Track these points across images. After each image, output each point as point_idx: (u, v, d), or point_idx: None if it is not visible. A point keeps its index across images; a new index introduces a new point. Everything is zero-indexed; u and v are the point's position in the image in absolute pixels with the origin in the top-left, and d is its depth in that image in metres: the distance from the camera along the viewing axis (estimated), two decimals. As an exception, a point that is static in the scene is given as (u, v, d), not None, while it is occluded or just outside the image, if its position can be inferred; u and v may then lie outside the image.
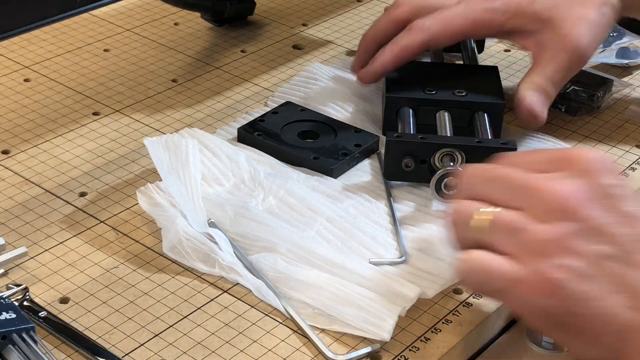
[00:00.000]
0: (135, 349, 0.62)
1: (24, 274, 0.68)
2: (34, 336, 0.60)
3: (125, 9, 1.06)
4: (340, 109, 0.86)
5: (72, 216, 0.74)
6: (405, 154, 0.75)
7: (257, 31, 1.04)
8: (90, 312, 0.65)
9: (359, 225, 0.72)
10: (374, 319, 0.63)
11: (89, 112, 0.87)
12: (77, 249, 0.70)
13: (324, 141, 0.81)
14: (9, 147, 0.82)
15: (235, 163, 0.77)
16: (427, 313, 0.66)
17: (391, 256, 0.69)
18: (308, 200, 0.73)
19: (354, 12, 1.09)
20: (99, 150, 0.82)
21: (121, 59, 0.96)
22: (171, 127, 0.85)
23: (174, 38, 1.01)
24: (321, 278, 0.66)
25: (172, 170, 0.73)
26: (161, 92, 0.91)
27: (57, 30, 1.00)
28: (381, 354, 0.62)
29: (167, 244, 0.69)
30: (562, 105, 0.89)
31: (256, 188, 0.75)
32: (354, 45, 1.01)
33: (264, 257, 0.68)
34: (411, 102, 0.82)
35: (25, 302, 0.64)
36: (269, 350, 0.62)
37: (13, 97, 0.89)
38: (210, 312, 0.65)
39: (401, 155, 0.75)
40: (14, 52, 0.96)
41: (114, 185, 0.77)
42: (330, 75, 0.91)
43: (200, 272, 0.68)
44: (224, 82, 0.93)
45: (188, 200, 0.71)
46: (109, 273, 0.68)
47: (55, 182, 0.77)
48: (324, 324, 0.64)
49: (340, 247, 0.69)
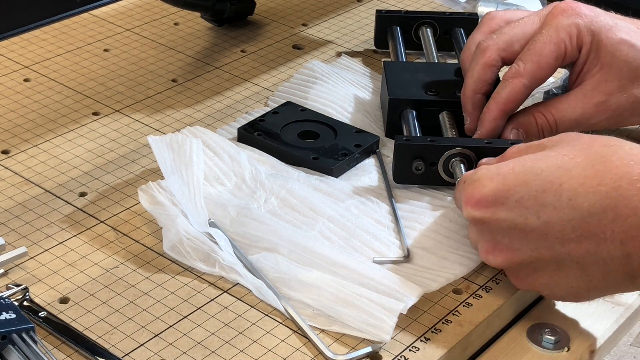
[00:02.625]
0: (135, 349, 0.62)
1: (24, 274, 0.68)
2: (34, 336, 0.60)
3: (125, 9, 1.06)
4: (340, 109, 0.86)
5: (72, 216, 0.74)
6: (415, 157, 0.75)
7: (257, 31, 1.03)
8: (90, 312, 0.65)
9: (361, 224, 0.72)
10: (374, 320, 0.63)
11: (89, 112, 0.87)
12: (77, 249, 0.70)
13: (324, 141, 0.81)
14: (9, 147, 0.82)
15: (236, 162, 0.76)
16: (427, 313, 0.66)
17: (394, 255, 0.70)
18: (310, 200, 0.73)
19: (354, 12, 1.09)
20: (99, 150, 0.82)
21: (121, 59, 0.96)
22: (171, 127, 0.85)
23: (174, 38, 1.01)
24: (321, 279, 0.66)
25: (175, 169, 0.73)
26: (161, 92, 0.91)
27: (57, 30, 1.00)
28: (381, 354, 0.62)
29: (168, 243, 0.69)
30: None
31: (258, 188, 0.74)
32: (354, 45, 1.01)
33: (265, 257, 0.68)
34: (414, 104, 0.82)
35: (25, 302, 0.64)
36: (269, 350, 0.62)
37: (13, 97, 0.89)
38: (210, 312, 0.65)
39: (411, 159, 0.75)
40: (14, 52, 0.96)
41: (114, 185, 0.77)
42: (330, 74, 0.91)
43: (200, 272, 0.68)
44: (224, 82, 0.93)
45: (189, 199, 0.71)
46: (109, 273, 0.68)
47: (55, 182, 0.77)
48: (324, 324, 0.64)
49: (342, 247, 0.69)
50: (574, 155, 0.63)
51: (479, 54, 0.79)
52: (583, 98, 0.77)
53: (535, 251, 0.63)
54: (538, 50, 0.76)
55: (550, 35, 0.76)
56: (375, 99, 0.89)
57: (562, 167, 0.62)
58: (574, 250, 0.61)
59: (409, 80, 0.85)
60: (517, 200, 0.63)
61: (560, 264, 0.62)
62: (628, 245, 0.59)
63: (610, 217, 0.59)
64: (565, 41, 0.76)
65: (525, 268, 0.64)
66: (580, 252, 0.61)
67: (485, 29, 0.82)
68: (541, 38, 0.76)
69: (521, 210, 0.62)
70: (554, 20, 0.77)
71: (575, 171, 0.61)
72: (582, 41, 0.76)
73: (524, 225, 0.62)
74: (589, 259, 0.61)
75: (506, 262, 0.65)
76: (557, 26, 0.76)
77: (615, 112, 0.77)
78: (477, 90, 0.79)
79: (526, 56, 0.76)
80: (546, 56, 0.76)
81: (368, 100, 0.89)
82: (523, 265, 0.64)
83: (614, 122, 0.79)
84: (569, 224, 0.61)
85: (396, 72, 0.86)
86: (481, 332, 0.66)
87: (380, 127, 0.85)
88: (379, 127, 0.85)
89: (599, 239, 0.60)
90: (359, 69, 0.95)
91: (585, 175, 0.61)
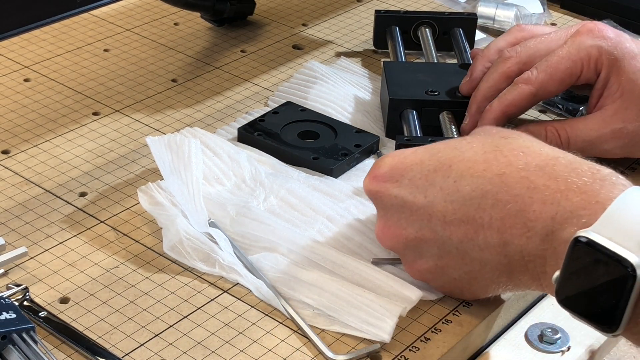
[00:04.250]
0: (135, 349, 0.62)
1: (24, 274, 0.68)
2: (34, 336, 0.60)
3: (125, 9, 1.06)
4: (340, 109, 0.86)
5: (72, 216, 0.74)
6: None
7: (257, 31, 1.03)
8: (90, 312, 0.65)
9: (360, 224, 0.72)
10: (374, 320, 0.63)
11: (89, 112, 0.87)
12: (77, 249, 0.70)
13: (324, 141, 0.81)
14: (9, 147, 0.82)
15: (236, 162, 0.77)
16: (427, 313, 0.66)
17: (393, 255, 0.69)
18: (309, 200, 0.73)
19: (354, 12, 1.09)
20: (99, 150, 0.82)
21: (121, 59, 0.96)
22: (171, 127, 0.85)
23: (174, 38, 1.01)
24: (321, 279, 0.66)
25: (174, 169, 0.73)
26: (161, 92, 0.91)
27: (57, 30, 1.00)
28: (381, 354, 0.62)
29: (168, 244, 0.69)
30: (562, 105, 0.89)
31: (257, 188, 0.75)
32: (354, 45, 1.01)
33: (265, 257, 0.68)
34: (414, 104, 0.82)
35: (25, 302, 0.64)
36: (269, 350, 0.62)
37: (13, 97, 0.89)
38: (210, 312, 0.65)
39: None
40: (14, 52, 0.96)
41: (114, 185, 0.77)
42: (330, 75, 0.91)
43: (200, 272, 0.68)
44: (224, 82, 0.93)
45: (189, 200, 0.71)
46: (109, 273, 0.68)
47: (55, 182, 0.77)
48: (324, 324, 0.64)
49: (341, 247, 0.69)
50: (472, 140, 0.64)
51: (500, 62, 0.80)
52: (601, 122, 0.77)
53: (419, 232, 0.63)
54: (554, 64, 0.77)
55: (570, 52, 0.77)
56: (375, 99, 0.89)
57: (457, 149, 0.63)
58: (454, 233, 0.61)
59: (409, 80, 0.85)
60: (410, 178, 0.64)
61: (442, 249, 0.63)
62: (505, 233, 0.59)
63: (490, 202, 0.60)
64: (584, 61, 0.76)
65: (411, 251, 0.65)
66: (459, 236, 0.61)
67: (511, 39, 0.83)
68: (560, 52, 0.77)
69: (412, 189, 0.63)
70: (578, 38, 0.77)
71: (467, 155, 0.62)
72: (601, 64, 0.77)
73: (412, 204, 0.63)
74: (468, 244, 0.61)
75: (394, 242, 0.65)
76: (579, 45, 0.77)
77: (631, 140, 0.77)
78: (487, 96, 0.80)
79: (542, 66, 0.77)
80: (561, 71, 0.76)
81: (368, 100, 0.89)
82: (410, 247, 0.64)
83: (628, 151, 0.79)
84: (450, 205, 0.61)
85: (396, 72, 0.86)
86: (481, 332, 0.66)
87: (380, 127, 0.85)
88: (379, 127, 0.85)
89: (477, 224, 0.60)
90: (358, 69, 0.95)
91: (475, 160, 0.61)
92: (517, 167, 0.60)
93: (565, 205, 0.56)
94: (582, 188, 0.56)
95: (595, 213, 0.54)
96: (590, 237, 0.53)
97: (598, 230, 0.53)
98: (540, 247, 0.57)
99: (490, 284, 0.63)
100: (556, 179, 0.58)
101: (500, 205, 0.59)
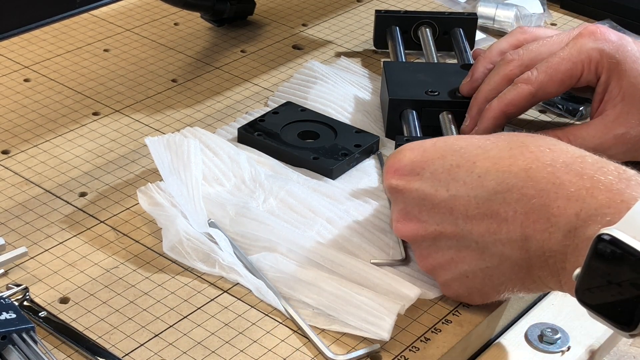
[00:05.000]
0: (135, 349, 0.62)
1: (24, 274, 0.68)
2: (34, 336, 0.60)
3: (125, 9, 1.06)
4: (340, 109, 0.86)
5: (72, 216, 0.74)
6: None
7: (257, 31, 1.04)
8: (90, 312, 0.65)
9: (359, 226, 0.72)
10: (373, 319, 0.63)
11: (89, 112, 0.87)
12: (77, 249, 0.70)
13: (324, 141, 0.81)
14: (9, 147, 0.82)
15: (236, 163, 0.77)
16: (427, 313, 0.66)
17: (392, 257, 0.69)
18: (308, 201, 0.73)
19: (354, 12, 1.09)
20: (99, 150, 0.82)
21: (121, 59, 0.96)
22: (171, 127, 0.85)
23: (174, 38, 1.01)
24: (321, 278, 0.66)
25: (173, 170, 0.73)
26: (161, 92, 0.91)
27: (57, 30, 1.00)
28: (381, 354, 0.62)
29: (167, 244, 0.69)
30: (562, 105, 0.89)
31: (257, 189, 0.75)
32: (354, 45, 1.01)
33: (264, 257, 0.68)
34: (414, 104, 0.82)
35: (25, 302, 0.64)
36: (269, 350, 0.62)
37: (13, 97, 0.89)
38: (210, 312, 0.65)
39: None
40: (14, 52, 0.96)
41: (114, 185, 0.77)
42: (330, 75, 0.91)
43: (200, 272, 0.68)
44: (224, 82, 0.93)
45: (189, 200, 0.71)
46: (109, 273, 0.68)
47: (55, 182, 0.77)
48: (324, 324, 0.64)
49: (340, 248, 0.69)
50: (496, 140, 0.64)
51: (502, 65, 0.80)
52: (603, 128, 0.77)
53: (440, 225, 0.63)
54: (554, 65, 0.77)
55: (571, 54, 0.77)
56: (375, 99, 0.89)
57: (481, 147, 0.63)
58: (476, 227, 0.61)
59: (409, 80, 0.85)
60: (432, 172, 0.64)
61: (460, 243, 0.63)
62: (527, 227, 0.59)
63: (516, 196, 0.60)
64: (584, 63, 0.76)
65: (428, 244, 0.65)
66: (480, 231, 0.61)
67: (513, 41, 0.83)
68: (561, 54, 0.77)
69: (433, 182, 0.63)
70: (580, 40, 0.77)
71: (492, 152, 0.62)
72: (602, 67, 0.77)
73: (433, 197, 0.63)
74: (489, 238, 0.61)
75: (412, 234, 0.65)
76: (581, 47, 0.77)
77: (634, 145, 0.77)
78: (489, 98, 0.80)
79: (542, 66, 0.77)
80: (561, 72, 0.77)
81: (368, 100, 0.89)
82: (427, 239, 0.64)
83: (631, 155, 0.78)
84: (474, 200, 0.61)
85: (396, 72, 0.86)
86: (481, 332, 0.66)
87: (380, 127, 0.85)
88: (379, 127, 0.85)
89: (500, 219, 0.60)
90: (358, 69, 0.95)
91: (500, 156, 0.62)
92: (543, 163, 0.60)
93: (590, 203, 0.56)
94: (608, 186, 0.56)
95: (619, 212, 0.54)
96: (614, 234, 0.53)
97: (622, 228, 0.53)
98: (562, 243, 0.57)
99: (504, 282, 0.63)
100: (582, 177, 0.58)
101: (525, 200, 0.59)
